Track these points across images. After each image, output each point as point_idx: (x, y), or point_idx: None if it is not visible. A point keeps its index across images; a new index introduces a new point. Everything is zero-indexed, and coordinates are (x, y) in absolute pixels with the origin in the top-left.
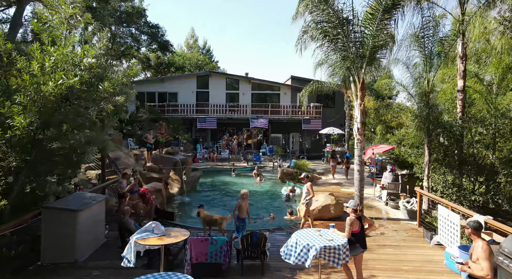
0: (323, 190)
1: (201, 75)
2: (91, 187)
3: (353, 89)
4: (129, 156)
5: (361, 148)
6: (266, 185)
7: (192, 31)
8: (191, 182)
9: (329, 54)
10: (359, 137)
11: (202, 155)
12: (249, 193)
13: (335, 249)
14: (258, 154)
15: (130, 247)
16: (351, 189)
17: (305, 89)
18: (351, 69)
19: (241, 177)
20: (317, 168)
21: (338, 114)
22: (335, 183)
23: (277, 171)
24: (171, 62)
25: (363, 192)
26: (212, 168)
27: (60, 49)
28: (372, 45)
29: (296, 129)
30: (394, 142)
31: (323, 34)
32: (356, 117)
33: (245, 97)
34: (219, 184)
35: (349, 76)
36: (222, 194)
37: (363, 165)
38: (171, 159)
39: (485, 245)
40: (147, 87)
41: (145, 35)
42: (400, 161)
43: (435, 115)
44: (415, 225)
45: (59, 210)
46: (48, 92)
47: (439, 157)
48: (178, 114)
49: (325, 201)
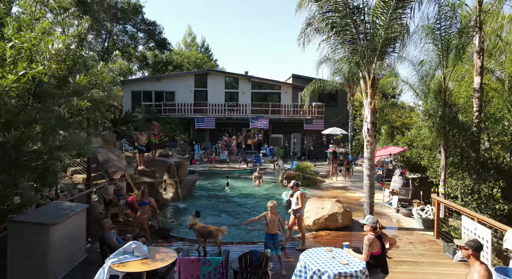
0: (327, 195)
1: (199, 74)
2: (77, 192)
3: (363, 86)
4: (121, 159)
5: (371, 151)
6: (266, 189)
7: (190, 29)
8: (187, 186)
9: (336, 48)
10: (369, 138)
11: (200, 156)
12: (276, 203)
13: (352, 276)
14: (258, 156)
15: (103, 272)
16: (358, 194)
17: (306, 88)
18: (360, 64)
19: (240, 180)
20: (320, 170)
21: (341, 114)
22: (340, 187)
23: (277, 173)
24: (169, 61)
25: (374, 199)
26: (210, 170)
27: (24, 34)
28: (385, 37)
29: (298, 129)
30: (403, 144)
31: (330, 25)
32: (366, 117)
33: (245, 96)
34: (217, 187)
35: (354, 73)
36: (220, 199)
37: (373, 169)
38: (164, 162)
39: (483, 270)
40: (143, 85)
41: (142, 33)
42: (411, 164)
43: (452, 115)
44: (432, 236)
45: (27, 224)
46: (8, 87)
47: (455, 160)
48: (176, 113)
49: (332, 209)
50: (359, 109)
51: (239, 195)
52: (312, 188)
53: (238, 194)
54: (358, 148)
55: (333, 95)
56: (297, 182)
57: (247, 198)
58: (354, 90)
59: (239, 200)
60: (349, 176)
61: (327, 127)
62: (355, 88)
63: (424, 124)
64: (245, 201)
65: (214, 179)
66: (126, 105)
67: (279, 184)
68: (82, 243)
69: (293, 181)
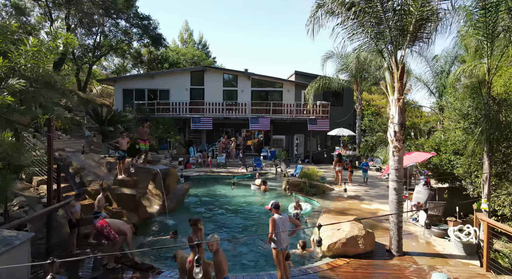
0: (340, 208)
1: (196, 71)
2: (41, 208)
3: (388, 79)
4: (101, 165)
5: (399, 159)
6: (268, 198)
7: (186, 24)
8: (177, 196)
9: (354, 32)
10: (397, 143)
11: (195, 159)
12: (248, 209)
13: None
14: (259, 159)
15: None
16: (374, 205)
17: (310, 85)
18: (385, 52)
19: (240, 187)
20: (326, 174)
21: (347, 114)
22: (352, 196)
23: (280, 179)
24: (165, 58)
25: (402, 218)
26: (206, 176)
27: None
28: (418, 17)
29: (301, 130)
30: (429, 148)
31: (348, 5)
32: (392, 117)
33: (244, 95)
34: (214, 196)
35: (363, 70)
36: (216, 211)
37: (402, 181)
38: (149, 170)
39: None
40: (135, 83)
41: (135, 28)
42: (440, 172)
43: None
44: (479, 267)
45: None
46: None
47: (499, 170)
48: (170, 113)
49: (351, 230)
50: (366, 108)
51: (238, 205)
52: (320, 198)
53: (238, 204)
54: (366, 150)
55: (339, 94)
56: (276, 203)
57: (249, 210)
58: (361, 88)
59: (240, 209)
60: (351, 181)
61: (332, 128)
62: (363, 86)
63: (457, 126)
64: (247, 213)
65: (211, 186)
66: (117, 104)
67: (282, 193)
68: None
69: (272, 202)
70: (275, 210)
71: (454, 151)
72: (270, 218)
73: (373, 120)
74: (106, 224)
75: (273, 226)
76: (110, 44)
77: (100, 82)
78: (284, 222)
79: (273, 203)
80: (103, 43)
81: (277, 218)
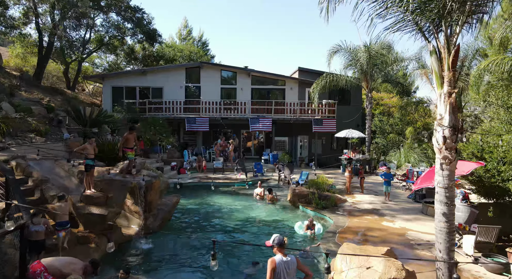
0: (356, 227)
1: (191, 67)
2: None
3: (435, 67)
4: (71, 176)
5: (450, 173)
6: (271, 212)
7: (185, 21)
8: (163, 213)
9: (387, 5)
10: (447, 154)
11: (190, 164)
12: None
13: None
14: (260, 163)
15: None
16: (398, 223)
17: (316, 83)
18: (429, 31)
19: (240, 197)
20: (337, 181)
21: (356, 113)
22: (368, 210)
23: (283, 186)
24: (161, 55)
25: (454, 254)
26: (200, 183)
27: None
28: None
29: (305, 131)
30: (469, 156)
31: None
32: (441, 117)
33: (244, 93)
34: (208, 211)
35: (374, 66)
36: (209, 230)
37: (453, 203)
38: (124, 182)
39: None
40: (126, 80)
41: (128, 23)
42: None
43: None
44: None
45: None
46: None
47: None
48: (163, 113)
49: (387, 272)
50: (374, 108)
51: (239, 221)
52: (332, 212)
53: (237, 219)
54: (378, 154)
55: (346, 92)
56: (281, 239)
57: (249, 228)
58: (372, 85)
59: (240, 227)
60: (362, 189)
61: (339, 128)
62: (375, 83)
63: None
64: (248, 235)
65: (206, 197)
66: (106, 103)
67: (287, 204)
68: None
69: (275, 236)
70: (278, 248)
71: (501, 160)
72: (269, 260)
73: (384, 120)
74: (41, 269)
75: (272, 272)
76: (101, 40)
77: (87, 79)
78: (289, 267)
79: (276, 239)
80: (93, 39)
81: (278, 261)
